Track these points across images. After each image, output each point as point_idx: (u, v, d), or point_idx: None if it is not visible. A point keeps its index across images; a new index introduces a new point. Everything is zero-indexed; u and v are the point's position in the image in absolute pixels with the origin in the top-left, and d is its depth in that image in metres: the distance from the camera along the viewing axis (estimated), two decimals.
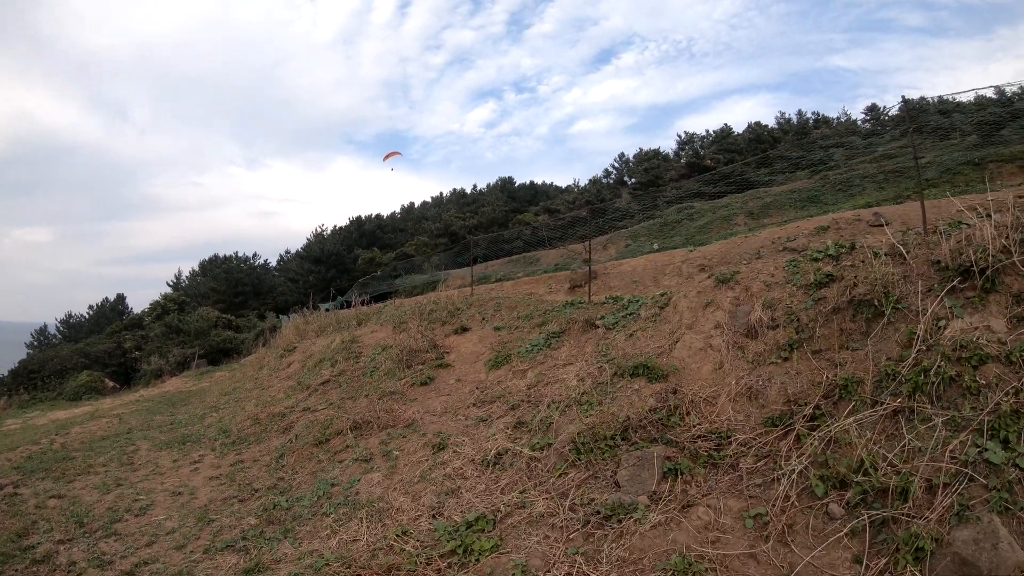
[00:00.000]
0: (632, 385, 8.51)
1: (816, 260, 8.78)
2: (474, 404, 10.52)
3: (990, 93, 36.39)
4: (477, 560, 5.55)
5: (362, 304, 26.17)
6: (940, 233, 7.70)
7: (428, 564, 5.61)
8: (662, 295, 11.13)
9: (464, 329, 14.65)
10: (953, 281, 6.65)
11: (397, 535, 6.33)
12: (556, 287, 17.22)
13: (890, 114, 52.02)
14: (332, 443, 10.68)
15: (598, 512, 5.93)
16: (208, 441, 13.36)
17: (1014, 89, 34.82)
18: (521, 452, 7.73)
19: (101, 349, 42.15)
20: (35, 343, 55.11)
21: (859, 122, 54.60)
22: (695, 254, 14.59)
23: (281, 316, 43.82)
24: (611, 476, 6.60)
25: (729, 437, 6.69)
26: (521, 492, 6.86)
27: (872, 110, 55.39)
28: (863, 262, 7.98)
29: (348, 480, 8.78)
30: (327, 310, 30.13)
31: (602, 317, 11.45)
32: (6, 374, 41.01)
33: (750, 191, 38.54)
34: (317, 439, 10.97)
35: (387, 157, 41.60)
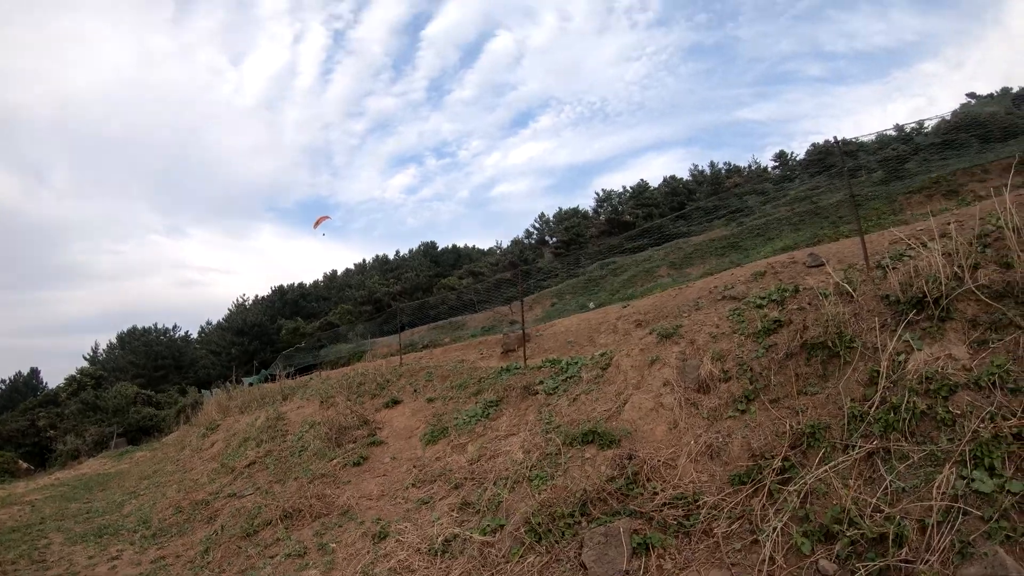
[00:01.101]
0: (583, 454, 8.00)
1: (760, 307, 8.61)
2: (413, 485, 9.83)
3: (891, 132, 38.31)
4: None
5: (287, 377, 25.33)
6: (884, 267, 7.67)
7: None
8: (602, 355, 10.77)
9: (395, 402, 14.03)
10: (909, 314, 6.53)
11: None
12: (488, 352, 16.71)
13: (798, 159, 54.10)
14: (262, 535, 9.78)
15: None
16: (127, 533, 12.30)
17: (912, 125, 36.81)
18: (471, 537, 7.08)
19: (14, 428, 39.71)
20: None
21: (769, 168, 56.52)
22: (629, 310, 14.32)
23: (203, 390, 42.28)
24: (575, 558, 6.01)
25: (697, 501, 6.21)
26: None
27: (781, 156, 57.69)
28: (810, 304, 7.87)
29: None
30: (250, 384, 29.21)
31: (541, 382, 11.01)
32: None
33: (670, 243, 39.15)
34: (245, 530, 10.07)
35: (318, 223, 41.36)
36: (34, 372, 60.47)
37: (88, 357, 60.72)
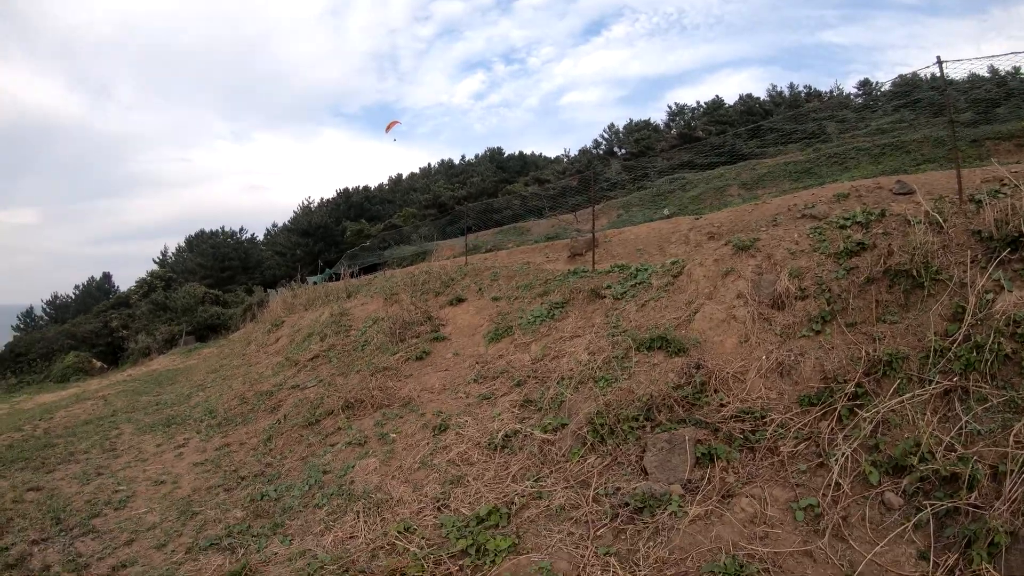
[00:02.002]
0: (650, 359, 7.90)
1: (843, 227, 8.24)
2: (475, 380, 9.85)
3: (984, 72, 35.83)
4: (493, 562, 4.94)
5: (351, 276, 25.55)
6: (978, 202, 7.19)
7: (438, 566, 5.01)
8: (674, 263, 10.49)
9: (460, 300, 13.93)
10: (1002, 253, 6.14)
11: (399, 532, 5.72)
12: (554, 256, 16.53)
13: (883, 89, 51.56)
14: (323, 424, 10.03)
15: (626, 504, 5.34)
16: (193, 423, 12.74)
17: (1008, 68, 34.43)
18: (532, 434, 7.12)
19: (88, 329, 41.02)
20: (21, 326, 53.59)
21: (852, 96, 54.01)
22: (702, 222, 13.93)
23: (269, 290, 42.80)
24: (636, 462, 6.02)
25: (764, 417, 6.11)
26: (536, 480, 6.27)
27: (864, 84, 54.63)
28: (896, 230, 7.51)
29: (341, 467, 8.11)
30: (315, 283, 29.52)
31: (608, 286, 10.79)
32: None
33: (742, 162, 37.89)
34: (307, 420, 10.33)
35: (389, 127, 41.15)
36: (106, 277, 61.86)
37: (158, 260, 61.85)
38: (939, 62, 8.73)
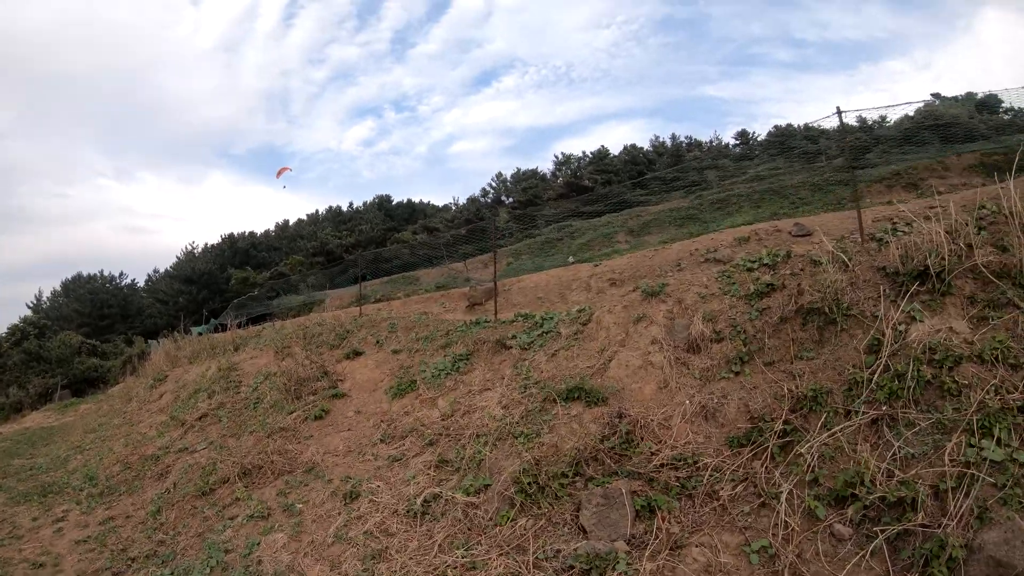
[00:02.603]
0: (568, 411, 7.67)
1: (751, 270, 8.46)
2: (382, 440, 9.33)
3: (853, 120, 38.58)
4: None
5: (238, 327, 24.55)
6: (879, 240, 7.68)
7: None
8: (580, 311, 10.39)
9: (357, 353, 13.37)
10: (911, 286, 6.44)
11: None
12: (451, 305, 16.28)
13: (759, 139, 54.81)
14: (218, 494, 9.24)
15: (571, 567, 5.08)
16: (72, 492, 11.62)
17: (874, 117, 37.28)
18: (454, 498, 6.70)
19: None
20: None
21: (730, 146, 56.95)
22: (602, 268, 14.04)
23: (151, 340, 41.11)
24: (572, 520, 5.75)
25: (697, 463, 6.00)
26: (466, 549, 5.85)
27: (742, 135, 58.31)
28: (803, 270, 7.75)
29: (245, 544, 7.38)
30: (200, 334, 28.36)
31: (514, 336, 10.55)
32: None
33: (627, 210, 39.14)
34: (200, 489, 9.52)
35: (280, 173, 40.53)
36: None
37: (31, 305, 58.90)
38: (839, 112, 9.14)
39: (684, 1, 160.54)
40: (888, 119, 38.22)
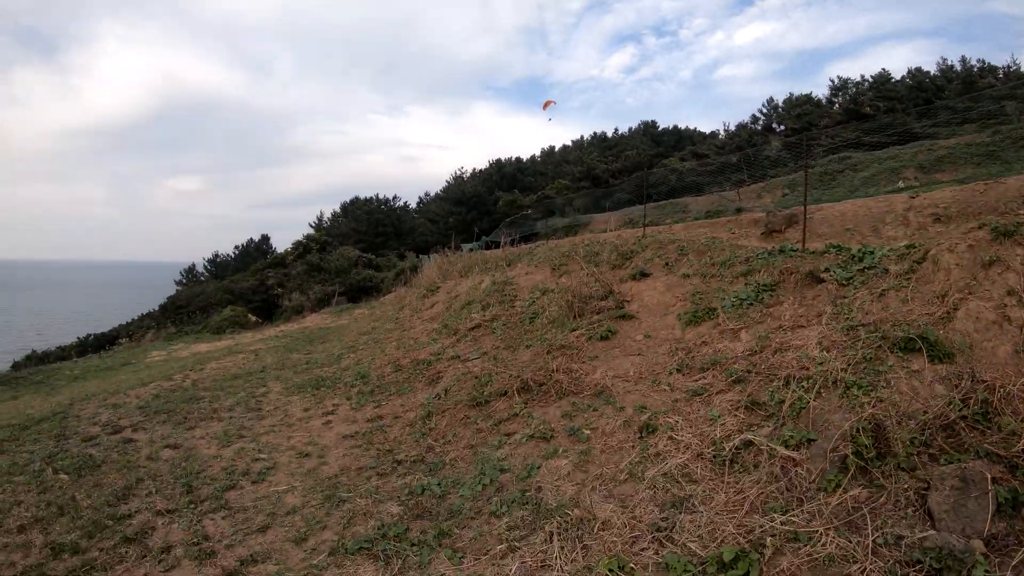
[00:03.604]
0: (907, 364, 6.14)
1: None
2: (679, 370, 8.28)
3: None
4: None
5: (511, 244, 24.40)
6: None
7: None
8: (910, 247, 8.55)
9: (644, 275, 12.25)
10: None
11: (611, 570, 4.26)
12: (740, 232, 14.72)
13: None
14: (494, 407, 8.80)
15: (917, 562, 3.93)
16: (344, 387, 12.06)
17: None
18: (772, 448, 5.57)
19: (245, 286, 43.08)
20: (183, 281, 56.89)
21: None
22: (920, 200, 11.89)
23: (422, 256, 43.71)
24: (917, 501, 4.51)
25: None
26: (785, 513, 4.76)
27: None
28: None
29: (523, 466, 6.82)
30: (471, 250, 29.09)
31: (828, 269, 8.96)
32: (156, 308, 43.07)
33: (915, 143, 34.29)
34: (473, 399, 9.17)
35: (546, 106, 40.39)
36: (265, 238, 64.57)
37: (314, 224, 64.09)
38: None
39: None
40: None
